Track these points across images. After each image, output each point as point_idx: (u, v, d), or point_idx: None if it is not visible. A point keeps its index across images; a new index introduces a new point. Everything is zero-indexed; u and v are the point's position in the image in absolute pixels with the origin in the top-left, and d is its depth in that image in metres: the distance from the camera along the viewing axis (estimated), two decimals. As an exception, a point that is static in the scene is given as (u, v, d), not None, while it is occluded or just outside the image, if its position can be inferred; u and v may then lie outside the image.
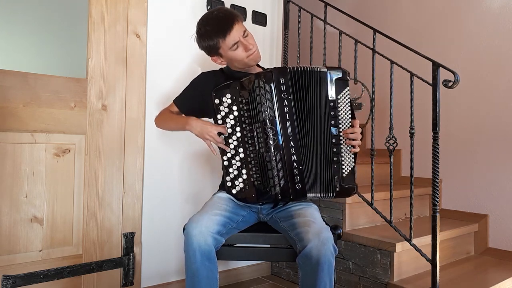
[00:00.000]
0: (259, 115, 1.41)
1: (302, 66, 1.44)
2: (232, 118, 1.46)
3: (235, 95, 1.45)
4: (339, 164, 1.46)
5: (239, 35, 1.51)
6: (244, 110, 1.44)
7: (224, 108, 1.46)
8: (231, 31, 1.50)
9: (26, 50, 1.94)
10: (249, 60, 1.56)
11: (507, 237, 2.34)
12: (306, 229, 1.35)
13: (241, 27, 1.53)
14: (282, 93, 1.41)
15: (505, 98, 2.39)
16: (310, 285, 1.31)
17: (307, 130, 1.43)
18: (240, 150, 1.46)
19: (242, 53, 1.54)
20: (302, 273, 1.34)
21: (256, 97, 1.40)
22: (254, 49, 1.56)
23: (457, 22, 2.63)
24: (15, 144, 1.63)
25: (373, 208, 2.00)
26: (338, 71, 1.45)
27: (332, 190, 1.45)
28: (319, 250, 1.28)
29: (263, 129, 1.40)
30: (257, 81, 1.40)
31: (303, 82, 1.42)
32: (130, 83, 1.90)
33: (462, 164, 2.56)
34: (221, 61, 1.61)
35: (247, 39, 1.54)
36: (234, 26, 1.50)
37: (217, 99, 1.46)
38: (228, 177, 1.48)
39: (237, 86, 1.45)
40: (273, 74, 1.41)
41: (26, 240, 1.65)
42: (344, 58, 2.23)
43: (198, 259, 1.28)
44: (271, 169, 1.40)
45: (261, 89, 1.40)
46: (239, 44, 1.52)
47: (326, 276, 1.29)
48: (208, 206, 1.43)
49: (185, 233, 1.32)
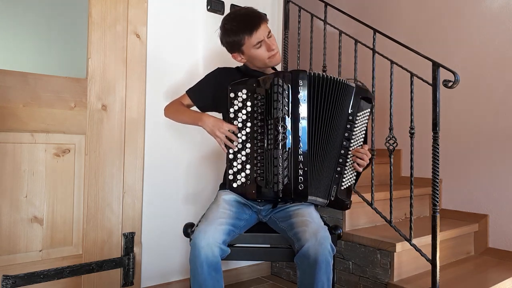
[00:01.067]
0: (273, 112, 1.42)
1: (325, 73, 1.47)
2: (244, 113, 1.47)
3: (250, 91, 1.47)
4: (341, 176, 1.49)
5: (264, 35, 1.54)
6: (257, 107, 1.45)
7: (238, 103, 1.48)
8: (258, 29, 1.53)
9: (26, 50, 1.95)
10: (269, 61, 1.59)
11: (507, 237, 2.34)
12: (303, 228, 1.36)
13: (266, 28, 1.56)
14: (298, 94, 1.43)
15: (505, 98, 2.39)
16: (308, 285, 1.31)
17: (319, 135, 1.45)
18: (248, 145, 1.47)
19: (264, 53, 1.57)
20: (300, 272, 1.35)
21: (273, 95, 1.42)
22: (277, 50, 1.59)
23: (457, 22, 2.63)
24: (15, 144, 1.63)
25: (373, 208, 2.00)
26: (365, 91, 1.52)
27: (327, 198, 1.48)
28: (316, 250, 1.29)
29: (275, 125, 1.41)
30: (276, 79, 1.42)
31: (322, 88, 1.45)
32: (130, 83, 1.90)
33: (462, 164, 2.56)
34: (241, 58, 1.63)
35: (270, 39, 1.57)
36: (261, 25, 1.54)
37: (233, 93, 1.48)
38: (231, 170, 1.48)
39: (254, 83, 1.47)
40: (292, 75, 1.43)
41: (26, 240, 1.65)
42: (344, 58, 2.23)
43: (205, 271, 1.28)
44: (277, 166, 1.40)
45: (279, 87, 1.41)
46: (262, 43, 1.55)
47: (324, 275, 1.29)
48: (213, 213, 1.42)
49: (192, 244, 1.31)
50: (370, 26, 2.02)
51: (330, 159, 1.47)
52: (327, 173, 1.47)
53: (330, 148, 1.47)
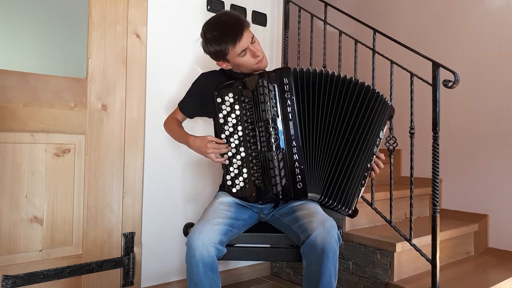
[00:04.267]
0: (262, 114, 1.41)
1: (309, 68, 1.43)
2: (234, 117, 1.46)
3: (237, 94, 1.45)
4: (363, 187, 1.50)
5: (247, 42, 1.51)
6: (246, 109, 1.44)
7: (226, 107, 1.46)
8: (241, 38, 1.49)
9: (26, 50, 1.94)
10: (257, 66, 1.57)
11: (507, 237, 2.34)
12: (310, 219, 1.36)
13: (249, 34, 1.52)
14: (285, 93, 1.41)
15: (505, 98, 2.39)
16: (315, 274, 1.30)
17: (311, 130, 1.43)
18: (242, 149, 1.46)
19: (250, 60, 1.54)
20: (306, 262, 1.34)
21: (259, 96, 1.41)
22: (262, 55, 1.56)
23: (457, 22, 2.63)
24: (15, 144, 1.63)
25: (373, 208, 2.00)
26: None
27: (348, 207, 1.49)
28: (324, 238, 1.28)
29: (265, 128, 1.40)
30: (261, 81, 1.40)
31: (308, 83, 1.42)
32: (130, 83, 1.90)
33: (462, 164, 2.56)
34: (227, 65, 1.60)
35: (254, 45, 1.54)
36: (243, 33, 1.49)
37: (219, 98, 1.46)
38: (229, 176, 1.48)
39: (240, 86, 1.45)
40: (276, 74, 1.41)
41: (26, 240, 1.65)
42: (344, 58, 2.23)
43: (201, 271, 1.28)
44: (273, 168, 1.40)
45: (265, 88, 1.40)
46: (247, 50, 1.52)
47: (331, 264, 1.29)
48: (210, 214, 1.41)
49: (187, 244, 1.31)
50: (370, 26, 2.02)
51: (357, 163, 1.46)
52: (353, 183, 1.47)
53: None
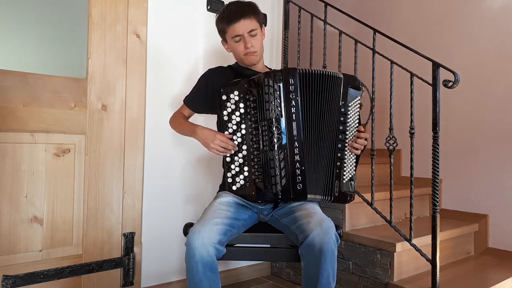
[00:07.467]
0: (266, 113, 1.41)
1: (314, 69, 1.45)
2: (238, 115, 1.46)
3: (243, 92, 1.45)
4: (341, 170, 1.48)
5: (244, 30, 1.54)
6: (250, 108, 1.44)
7: (231, 105, 1.46)
8: (237, 22, 1.53)
9: (26, 50, 1.94)
10: (245, 57, 1.59)
11: (507, 237, 2.34)
12: (308, 219, 1.36)
13: (250, 24, 1.55)
14: (290, 94, 1.41)
15: (505, 98, 2.39)
16: (313, 274, 1.30)
17: (313, 132, 1.44)
18: (244, 147, 1.46)
19: (241, 48, 1.57)
20: (304, 263, 1.34)
21: (264, 96, 1.41)
22: (253, 50, 1.57)
23: (457, 22, 2.63)
24: (15, 144, 1.63)
25: (373, 208, 2.00)
26: (352, 79, 1.50)
27: (331, 194, 1.47)
28: (322, 239, 1.28)
29: (269, 127, 1.41)
30: (267, 80, 1.41)
31: (312, 84, 1.43)
32: (130, 83, 1.90)
33: (462, 164, 2.56)
34: (227, 47, 1.65)
35: (252, 38, 1.56)
36: (241, 20, 1.53)
37: (225, 95, 1.47)
38: (229, 173, 1.48)
39: (246, 84, 1.45)
40: (282, 74, 1.42)
41: (26, 240, 1.65)
42: (344, 58, 2.23)
43: (201, 271, 1.28)
44: (274, 167, 1.40)
45: (270, 87, 1.40)
46: (242, 38, 1.55)
47: (329, 265, 1.29)
48: (209, 214, 1.41)
49: (186, 244, 1.31)
50: (370, 26, 2.02)
51: (328, 155, 1.46)
52: (327, 169, 1.46)
53: (327, 144, 1.46)
